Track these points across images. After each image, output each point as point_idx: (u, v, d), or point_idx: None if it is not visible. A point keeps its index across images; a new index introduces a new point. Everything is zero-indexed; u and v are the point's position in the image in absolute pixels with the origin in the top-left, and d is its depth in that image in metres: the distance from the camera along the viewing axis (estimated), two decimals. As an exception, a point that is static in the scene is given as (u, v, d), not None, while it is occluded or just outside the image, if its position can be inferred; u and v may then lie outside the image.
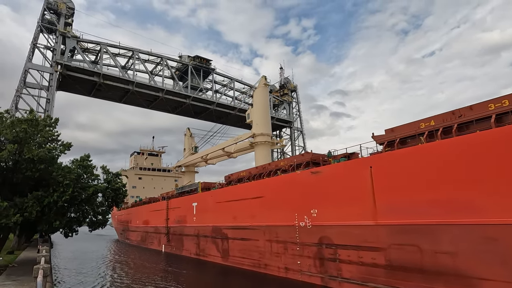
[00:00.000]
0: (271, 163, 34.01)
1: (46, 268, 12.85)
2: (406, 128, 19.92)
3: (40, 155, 20.50)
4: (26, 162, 20.64)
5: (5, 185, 21.72)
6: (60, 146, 23.91)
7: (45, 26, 51.40)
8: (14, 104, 45.35)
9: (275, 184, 28.45)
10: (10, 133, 20.27)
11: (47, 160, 21.45)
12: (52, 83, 49.56)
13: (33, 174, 21.04)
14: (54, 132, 23.68)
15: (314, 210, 23.50)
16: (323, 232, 22.60)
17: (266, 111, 50.27)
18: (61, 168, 23.10)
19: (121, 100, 63.15)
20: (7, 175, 21.65)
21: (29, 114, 23.09)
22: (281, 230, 26.39)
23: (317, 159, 26.53)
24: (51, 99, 48.79)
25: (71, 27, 53.98)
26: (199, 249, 39.02)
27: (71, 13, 54.37)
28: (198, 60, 66.06)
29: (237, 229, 31.92)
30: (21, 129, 20.23)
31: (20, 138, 20.29)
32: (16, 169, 21.28)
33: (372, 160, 20.54)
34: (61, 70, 50.45)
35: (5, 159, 20.37)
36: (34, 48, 49.85)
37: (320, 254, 22.70)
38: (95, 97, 62.41)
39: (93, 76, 53.97)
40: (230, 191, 35.32)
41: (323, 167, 24.23)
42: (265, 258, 27.85)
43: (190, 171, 70.92)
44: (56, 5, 52.50)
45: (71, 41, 53.06)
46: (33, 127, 21.33)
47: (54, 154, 23.00)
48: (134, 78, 57.37)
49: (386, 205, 18.78)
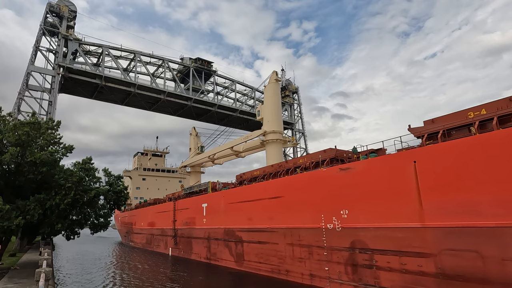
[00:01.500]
0: (288, 161, 31.74)
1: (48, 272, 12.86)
2: (450, 118, 17.63)
3: (42, 158, 20.54)
4: (28, 165, 20.68)
5: (7, 188, 21.80)
6: (62, 148, 23.98)
7: (47, 29, 51.65)
8: (17, 107, 45.54)
9: (296, 183, 26.01)
10: (12, 136, 20.35)
11: (49, 163, 21.49)
12: (54, 86, 49.78)
13: (35, 177, 21.08)
14: (56, 135, 23.74)
15: (344, 210, 21.23)
16: (356, 235, 20.29)
17: (277, 107, 47.79)
18: (63, 171, 23.18)
19: (123, 102, 63.33)
20: (10, 178, 21.72)
21: (31, 117, 23.20)
22: (305, 232, 24.08)
23: (341, 156, 24.53)
24: (53, 102, 49.00)
25: (73, 30, 54.25)
26: (210, 252, 36.85)
27: (73, 16, 54.66)
28: (199, 62, 66.21)
29: (253, 231, 29.74)
30: (24, 132, 20.31)
31: (22, 141, 20.35)
32: (19, 172, 21.34)
33: (416, 154, 17.94)
34: (63, 72, 50.71)
35: (7, 162, 20.43)
36: (36, 51, 50.07)
37: (353, 260, 20.34)
38: (97, 100, 62.63)
39: (95, 79, 54.18)
40: (244, 191, 32.83)
41: (354, 163, 21.82)
42: (286, 263, 25.55)
43: (196, 172, 69.22)
44: (59, 8, 52.81)
45: (73, 44, 53.29)
46: (35, 130, 21.42)
47: (56, 157, 23.03)
48: (136, 81, 57.55)
49: (436, 204, 16.48)
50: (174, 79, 65.08)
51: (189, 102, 63.26)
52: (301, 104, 78.82)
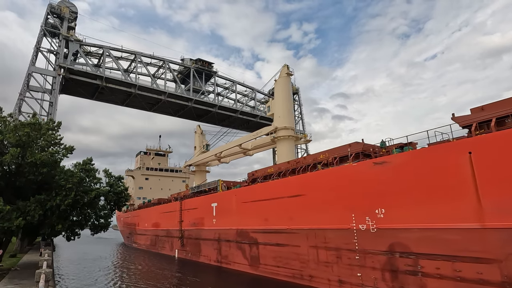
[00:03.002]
0: (306, 157, 29.46)
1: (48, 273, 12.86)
2: (504, 105, 15.89)
3: (43, 159, 20.57)
4: (28, 166, 20.71)
5: (8, 189, 21.83)
6: (63, 149, 24.00)
7: (48, 30, 51.77)
8: (18, 108, 45.64)
9: (320, 180, 23.89)
10: (13, 137, 20.38)
11: (50, 164, 21.52)
12: (55, 87, 49.86)
13: (35, 177, 21.11)
14: (57, 136, 23.77)
15: (380, 209, 19.19)
16: (395, 237, 18.25)
17: (289, 102, 45.38)
18: (64, 171, 23.22)
19: (124, 103, 63.39)
20: (10, 178, 21.75)
21: (32, 117, 23.23)
22: (332, 234, 22.12)
23: (367, 150, 22.65)
24: (54, 102, 49.07)
25: (74, 31, 54.38)
26: (221, 255, 34.82)
27: (74, 17, 54.81)
28: (200, 63, 66.27)
29: (270, 232, 27.77)
30: (24, 133, 20.35)
31: (23, 142, 20.39)
32: (19, 173, 21.37)
33: (471, 144, 15.90)
34: (64, 73, 50.77)
35: (8, 163, 20.46)
36: (37, 52, 50.19)
37: (392, 265, 18.31)
38: (98, 100, 62.69)
39: (95, 79, 54.23)
40: (259, 189, 30.53)
41: (391, 156, 19.82)
42: (309, 268, 23.52)
43: (201, 171, 67.51)
44: (60, 9, 52.96)
45: (74, 45, 53.40)
46: (36, 130, 21.46)
47: (57, 158, 23.06)
48: (137, 81, 57.62)
49: (499, 202, 14.51)
50: (174, 80, 65.13)
51: (189, 103, 63.31)
52: (301, 105, 78.80)
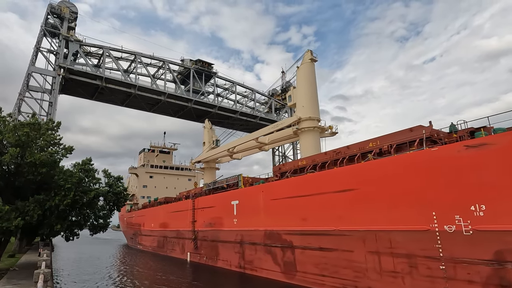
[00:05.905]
0: (349, 146, 25.07)
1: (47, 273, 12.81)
2: None
3: (42, 159, 20.51)
4: (28, 166, 20.65)
5: (7, 189, 21.77)
6: (62, 149, 23.94)
7: (48, 30, 51.78)
8: (17, 107, 45.63)
9: (379, 171, 20.02)
10: (12, 136, 20.31)
11: (49, 164, 21.45)
12: (55, 87, 49.86)
13: (34, 177, 21.04)
14: (56, 136, 23.72)
15: (477, 206, 15.46)
16: (503, 242, 14.49)
17: (313, 91, 41.04)
18: (63, 171, 23.15)
19: (123, 103, 63.39)
20: (9, 178, 21.68)
21: (31, 117, 23.19)
22: (401, 237, 18.21)
23: (433, 136, 19.38)
24: (54, 103, 49.06)
25: (74, 31, 54.42)
26: (244, 260, 30.74)
27: (74, 18, 54.86)
28: (200, 63, 66.33)
29: (310, 234, 23.87)
30: (23, 133, 20.29)
31: (22, 142, 20.32)
32: (18, 173, 21.31)
33: None
34: (63, 73, 50.76)
35: (7, 163, 20.40)
36: (37, 52, 50.19)
37: (502, 278, 14.41)
38: (98, 101, 62.71)
39: (95, 80, 54.26)
40: (293, 184, 26.66)
41: (492, 136, 15.83)
42: (368, 278, 19.53)
43: (210, 167, 63.84)
44: (60, 9, 53.00)
45: (74, 45, 53.42)
46: (35, 130, 21.40)
47: (56, 158, 22.99)
48: (136, 82, 57.65)
49: None
50: (174, 81, 65.15)
51: (189, 103, 63.32)
52: (301, 106, 78.69)
